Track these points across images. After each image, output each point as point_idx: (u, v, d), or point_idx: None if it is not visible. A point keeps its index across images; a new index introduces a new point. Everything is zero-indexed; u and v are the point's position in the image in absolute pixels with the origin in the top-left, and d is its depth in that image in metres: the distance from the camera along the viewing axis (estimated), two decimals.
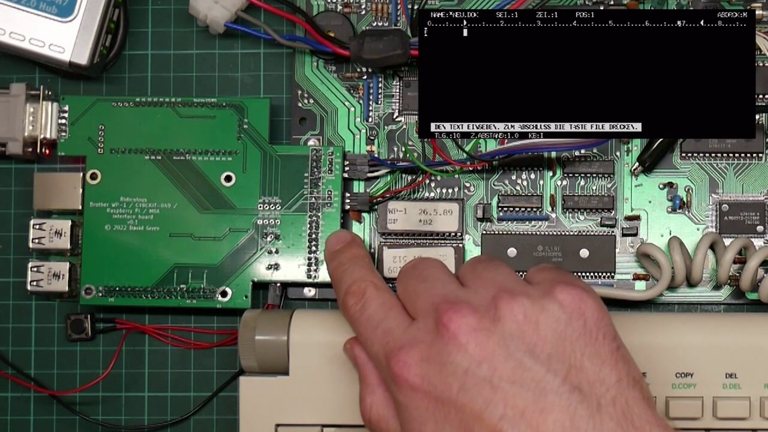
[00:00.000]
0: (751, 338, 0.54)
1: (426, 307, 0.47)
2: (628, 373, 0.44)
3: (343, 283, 0.51)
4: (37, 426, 0.61)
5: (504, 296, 0.45)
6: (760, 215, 0.59)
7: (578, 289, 0.45)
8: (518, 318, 0.45)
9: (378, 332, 0.48)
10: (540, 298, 0.45)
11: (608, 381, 0.43)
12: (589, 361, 0.44)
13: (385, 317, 0.48)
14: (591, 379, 0.43)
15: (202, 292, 0.59)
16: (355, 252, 0.53)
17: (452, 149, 0.60)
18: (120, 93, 0.62)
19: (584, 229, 0.60)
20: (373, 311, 0.49)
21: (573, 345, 0.44)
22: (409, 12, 0.59)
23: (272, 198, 0.59)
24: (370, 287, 0.50)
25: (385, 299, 0.49)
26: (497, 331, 0.44)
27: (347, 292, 0.50)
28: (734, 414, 0.54)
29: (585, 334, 0.45)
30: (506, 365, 0.44)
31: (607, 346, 0.45)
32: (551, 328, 0.44)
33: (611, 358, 0.44)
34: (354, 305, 0.50)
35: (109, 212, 0.59)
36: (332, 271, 0.53)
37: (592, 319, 0.45)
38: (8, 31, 0.59)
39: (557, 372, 0.43)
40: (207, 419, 0.61)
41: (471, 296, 0.46)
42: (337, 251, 0.54)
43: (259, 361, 0.55)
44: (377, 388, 0.49)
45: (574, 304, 0.45)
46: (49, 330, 0.62)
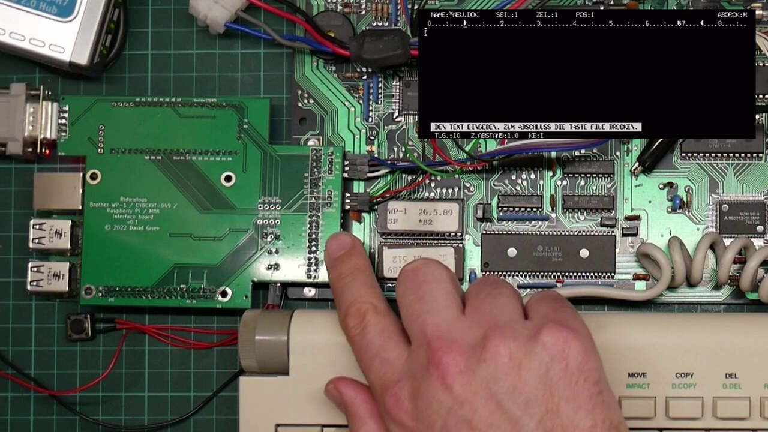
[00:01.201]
0: (751, 338, 0.54)
1: (420, 336, 0.48)
2: (605, 418, 0.45)
3: (344, 301, 0.52)
4: (37, 426, 0.61)
5: (494, 336, 0.47)
6: (760, 215, 0.59)
7: (566, 331, 0.46)
8: (503, 360, 0.46)
9: (376, 361, 0.49)
10: (526, 341, 0.46)
11: (582, 426, 0.45)
12: (566, 404, 0.45)
13: (383, 347, 0.50)
14: (564, 423, 0.45)
15: (202, 292, 0.59)
16: (356, 263, 0.54)
17: (452, 149, 0.60)
18: (120, 93, 0.62)
19: (584, 229, 0.60)
20: (372, 338, 0.50)
21: (552, 388, 0.45)
22: (409, 12, 0.59)
23: (272, 198, 0.59)
24: (370, 311, 0.51)
25: (385, 326, 0.50)
26: (481, 373, 0.46)
27: (347, 313, 0.51)
28: (734, 414, 0.54)
29: (565, 377, 0.46)
30: (486, 407, 0.45)
31: (587, 391, 0.46)
32: (533, 372, 0.46)
33: (589, 402, 0.45)
34: (354, 328, 0.51)
35: (109, 212, 0.59)
36: (333, 282, 0.54)
37: (575, 363, 0.46)
38: (8, 31, 0.59)
39: (532, 415, 0.45)
40: (207, 419, 0.61)
41: (462, 332, 0.48)
42: (338, 259, 0.54)
43: (259, 361, 0.55)
44: (368, 420, 0.50)
45: (557, 346, 0.46)
46: (49, 330, 0.62)
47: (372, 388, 0.50)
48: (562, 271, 0.59)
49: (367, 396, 0.51)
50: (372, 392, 0.50)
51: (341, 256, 0.54)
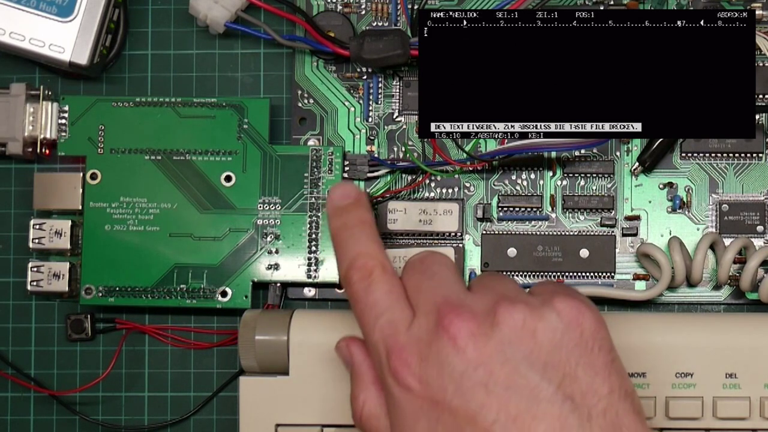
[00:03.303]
0: (751, 338, 0.54)
1: (428, 305, 0.47)
2: (621, 385, 0.45)
3: (348, 252, 0.50)
4: (37, 426, 0.61)
5: (504, 303, 0.45)
6: (760, 215, 0.59)
7: (577, 301, 0.46)
8: (516, 324, 0.45)
9: (381, 322, 0.47)
10: (539, 307, 0.46)
11: (600, 392, 0.44)
12: (583, 371, 0.44)
13: (390, 307, 0.48)
14: (583, 389, 0.44)
15: (202, 292, 0.59)
16: (363, 216, 0.51)
17: (452, 149, 0.60)
18: (120, 93, 0.62)
19: (584, 229, 0.60)
20: (378, 297, 0.48)
21: (568, 354, 0.45)
22: (409, 12, 0.59)
23: (272, 198, 0.59)
24: (377, 268, 0.49)
25: (392, 286, 0.48)
26: (495, 337, 0.45)
27: (352, 266, 0.49)
28: (734, 414, 0.54)
29: (581, 344, 0.45)
30: (502, 370, 0.44)
31: (602, 358, 0.45)
32: (548, 337, 0.45)
33: (605, 370, 0.45)
34: (358, 283, 0.48)
35: (109, 212, 0.59)
36: (336, 232, 0.51)
37: (589, 331, 0.45)
38: (8, 31, 0.59)
39: (551, 380, 0.44)
40: (207, 419, 0.61)
41: (473, 301, 0.47)
42: (343, 208, 0.51)
43: (259, 361, 0.55)
44: (371, 386, 0.49)
45: (571, 314, 0.45)
46: (49, 330, 0.62)
47: (373, 350, 0.48)
48: (562, 271, 0.59)
49: (374, 362, 0.49)
50: (372, 354, 0.48)
51: (347, 206, 0.51)
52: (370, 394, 0.49)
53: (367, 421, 0.48)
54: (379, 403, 0.48)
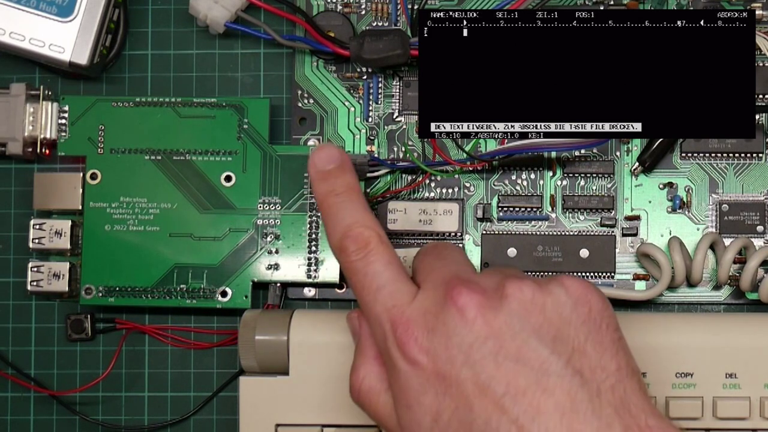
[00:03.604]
0: (751, 338, 0.54)
1: (437, 280, 0.46)
2: (628, 363, 0.45)
3: (340, 221, 0.48)
4: (37, 426, 0.61)
5: (512, 278, 0.46)
6: (760, 215, 0.59)
7: (584, 282, 0.46)
8: (525, 298, 0.45)
9: (384, 294, 0.46)
10: (547, 284, 0.46)
11: (609, 368, 0.44)
12: (592, 347, 0.44)
13: (392, 278, 0.47)
14: (592, 364, 0.44)
15: (202, 292, 0.59)
16: (349, 181, 0.50)
17: (452, 149, 0.60)
18: (120, 93, 0.62)
19: (584, 229, 0.60)
20: (378, 268, 0.47)
21: (577, 330, 0.44)
22: (409, 12, 0.59)
23: (272, 198, 0.59)
24: (374, 238, 0.48)
25: (391, 257, 0.48)
26: (504, 310, 0.44)
27: (347, 235, 0.48)
28: (734, 414, 0.54)
29: (589, 321, 0.45)
30: (511, 343, 0.44)
31: (610, 336, 0.45)
32: (557, 312, 0.45)
33: (612, 347, 0.45)
34: (355, 253, 0.47)
35: (109, 212, 0.59)
36: (322, 198, 0.49)
37: (597, 308, 0.45)
38: (8, 31, 0.59)
39: (561, 354, 0.44)
40: (207, 419, 0.61)
41: (482, 278, 0.47)
42: (328, 173, 0.50)
43: (259, 361, 0.55)
44: (374, 361, 0.48)
45: (579, 291, 0.45)
46: (49, 330, 0.62)
47: (374, 322, 0.47)
48: (562, 271, 0.59)
49: (375, 336, 0.48)
50: (373, 327, 0.47)
51: (332, 170, 0.50)
52: (372, 369, 0.48)
53: (366, 395, 0.48)
54: (380, 378, 0.48)
